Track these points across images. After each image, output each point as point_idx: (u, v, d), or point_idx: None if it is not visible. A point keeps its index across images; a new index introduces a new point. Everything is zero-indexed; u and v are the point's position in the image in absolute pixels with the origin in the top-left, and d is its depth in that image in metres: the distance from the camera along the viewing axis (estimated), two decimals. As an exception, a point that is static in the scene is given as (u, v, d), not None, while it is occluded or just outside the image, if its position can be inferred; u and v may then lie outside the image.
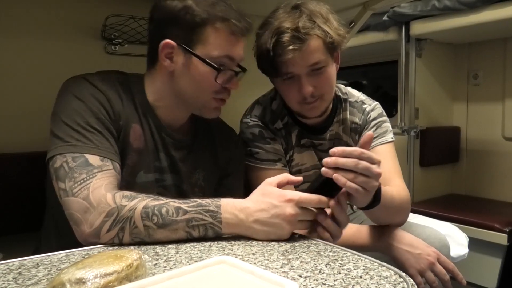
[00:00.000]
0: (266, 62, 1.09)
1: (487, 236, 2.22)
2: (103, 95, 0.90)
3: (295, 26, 1.04)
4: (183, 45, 0.92)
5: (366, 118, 1.28)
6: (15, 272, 0.66)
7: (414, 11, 2.51)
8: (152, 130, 0.99)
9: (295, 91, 1.10)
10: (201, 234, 0.79)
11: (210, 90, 0.96)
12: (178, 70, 0.95)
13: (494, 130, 2.81)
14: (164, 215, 0.78)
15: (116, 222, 0.77)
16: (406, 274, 0.63)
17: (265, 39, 1.07)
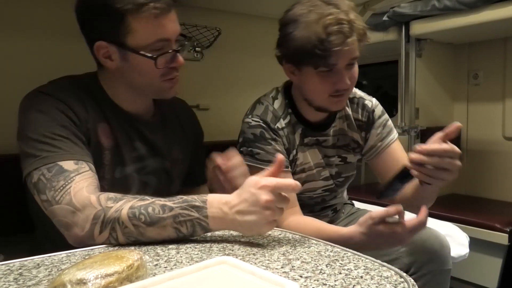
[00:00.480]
0: (309, 51, 1.06)
1: (487, 236, 2.22)
2: (63, 103, 0.90)
3: (349, 18, 1.04)
4: (113, 41, 0.91)
5: (371, 115, 1.30)
6: (16, 272, 0.66)
7: (414, 11, 2.51)
8: (121, 124, 0.99)
9: (330, 83, 1.11)
10: (189, 230, 0.78)
11: (156, 77, 0.95)
12: (120, 66, 0.94)
13: (494, 130, 2.81)
14: (150, 213, 0.77)
15: (106, 224, 0.77)
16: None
17: (315, 28, 1.04)
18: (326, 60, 1.06)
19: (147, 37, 0.90)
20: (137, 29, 0.89)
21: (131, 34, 0.89)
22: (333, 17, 1.03)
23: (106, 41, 0.91)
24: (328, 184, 1.32)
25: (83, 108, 0.93)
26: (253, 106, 1.25)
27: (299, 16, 1.09)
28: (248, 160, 1.17)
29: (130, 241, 0.78)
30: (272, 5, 1.95)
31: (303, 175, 1.25)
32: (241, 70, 2.04)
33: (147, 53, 0.91)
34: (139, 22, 0.88)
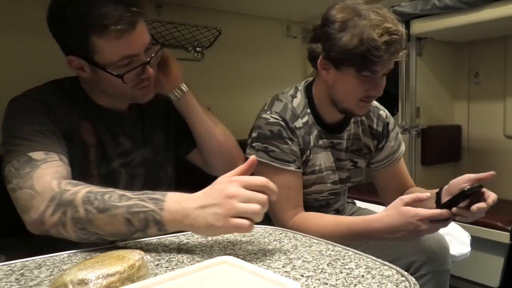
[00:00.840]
0: (358, 54, 1.06)
1: (489, 234, 2.22)
2: (42, 104, 0.92)
3: (399, 29, 1.07)
4: (82, 57, 0.92)
5: (386, 126, 1.34)
6: (18, 273, 0.66)
7: (415, 10, 2.50)
8: (103, 122, 1.02)
9: (365, 88, 1.12)
10: (141, 223, 0.72)
11: (128, 87, 0.96)
12: (93, 77, 0.96)
13: (495, 128, 2.81)
14: (106, 199, 0.74)
15: (59, 206, 0.75)
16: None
17: (371, 34, 1.05)
18: (373, 66, 1.08)
19: (113, 55, 0.90)
20: (102, 48, 0.89)
21: (97, 53, 0.90)
22: (387, 27, 1.05)
23: (76, 56, 0.92)
24: (336, 188, 1.32)
25: (65, 108, 0.96)
26: (271, 102, 1.24)
27: (349, 18, 1.09)
28: (261, 157, 1.16)
29: (77, 229, 0.75)
30: (273, 5, 1.96)
31: (313, 176, 1.25)
32: (241, 70, 2.05)
33: (113, 70, 0.92)
34: (103, 42, 0.88)
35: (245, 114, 1.98)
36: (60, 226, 0.76)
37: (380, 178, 1.38)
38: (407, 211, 0.99)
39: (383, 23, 1.06)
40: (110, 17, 0.86)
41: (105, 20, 0.86)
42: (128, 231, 0.73)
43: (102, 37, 0.88)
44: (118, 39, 0.88)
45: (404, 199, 1.00)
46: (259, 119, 1.21)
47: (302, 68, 2.31)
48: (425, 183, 2.79)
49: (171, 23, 1.67)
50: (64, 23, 0.89)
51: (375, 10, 1.09)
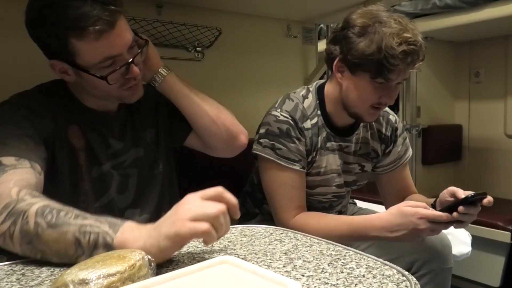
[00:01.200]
0: (375, 61, 1.07)
1: (490, 234, 2.22)
2: (25, 108, 0.90)
3: (418, 40, 1.07)
4: (64, 61, 0.89)
5: (394, 131, 1.34)
6: (19, 273, 0.66)
7: (415, 10, 2.51)
8: (92, 124, 0.99)
9: (378, 95, 1.13)
10: (90, 245, 0.67)
11: (114, 89, 0.93)
12: (78, 80, 0.93)
13: (496, 128, 2.81)
14: (60, 216, 0.69)
15: (10, 215, 0.70)
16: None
17: (390, 42, 1.04)
18: (388, 74, 1.08)
19: (93, 57, 0.88)
20: (82, 50, 0.87)
21: (77, 55, 0.87)
22: (406, 37, 1.05)
23: (58, 59, 0.89)
24: (340, 192, 1.32)
25: (51, 112, 0.93)
26: (282, 100, 1.24)
27: (370, 24, 1.08)
28: (267, 153, 1.17)
29: (23, 243, 0.69)
30: (273, 5, 1.95)
31: (318, 178, 1.26)
32: (242, 69, 2.05)
33: (96, 72, 0.89)
34: (82, 44, 0.86)
35: (245, 113, 1.98)
36: (7, 236, 0.70)
37: (384, 181, 1.38)
38: (407, 210, 1.01)
39: (403, 33, 1.05)
40: (87, 18, 0.83)
41: (82, 21, 0.83)
42: (74, 253, 0.68)
43: (80, 39, 0.85)
44: (98, 39, 0.85)
45: (409, 203, 1.03)
46: (268, 115, 1.21)
47: (303, 68, 2.31)
48: (426, 182, 2.80)
49: (171, 23, 1.66)
50: (42, 26, 0.87)
51: (396, 19, 1.08)
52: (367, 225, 1.07)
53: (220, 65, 1.96)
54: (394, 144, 1.34)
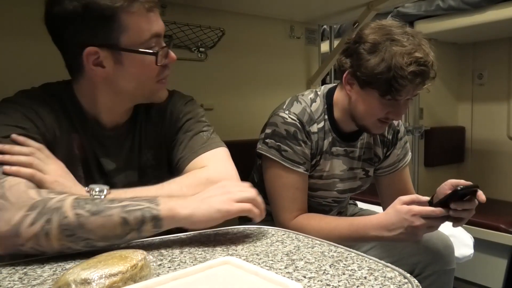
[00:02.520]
0: (384, 80, 1.06)
1: (492, 236, 2.21)
2: (30, 109, 0.85)
3: (432, 62, 1.07)
4: (106, 44, 0.84)
5: (396, 134, 1.34)
6: (21, 272, 0.66)
7: (419, 11, 2.50)
8: (89, 138, 0.93)
9: (384, 111, 1.13)
10: (137, 220, 0.72)
11: (153, 77, 0.90)
12: (112, 73, 0.87)
13: (499, 130, 2.80)
14: (97, 203, 0.72)
15: (42, 214, 0.69)
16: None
17: (400, 61, 1.04)
18: (396, 93, 1.08)
19: (142, 33, 0.85)
20: (131, 26, 0.83)
21: (125, 32, 0.83)
22: (417, 57, 1.04)
23: (97, 46, 0.83)
24: (341, 197, 1.33)
25: (54, 117, 0.88)
26: (290, 102, 1.23)
27: (381, 41, 1.08)
28: (272, 154, 1.17)
29: (63, 237, 0.70)
30: (276, 5, 1.96)
31: (319, 181, 1.26)
32: (244, 70, 2.05)
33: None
34: (132, 18, 0.83)
35: (248, 114, 1.99)
36: (41, 236, 0.69)
37: (382, 184, 1.38)
38: (401, 208, 1.01)
39: (414, 52, 1.05)
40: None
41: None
42: (123, 232, 0.72)
43: (132, 13, 0.82)
44: (148, 12, 0.84)
45: (402, 199, 1.03)
46: (276, 116, 1.21)
47: (305, 69, 2.31)
48: (428, 184, 2.80)
49: (174, 23, 1.67)
50: (81, 7, 0.80)
51: (409, 37, 1.07)
52: (367, 225, 1.08)
53: (223, 65, 1.96)
54: (394, 147, 1.34)
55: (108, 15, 0.81)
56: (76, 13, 0.80)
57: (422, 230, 1.01)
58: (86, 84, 0.91)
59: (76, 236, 0.70)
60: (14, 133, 0.80)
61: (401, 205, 1.02)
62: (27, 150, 0.79)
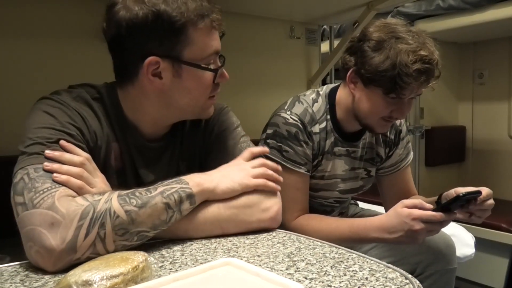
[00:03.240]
0: (388, 78, 1.07)
1: (493, 236, 2.21)
2: (77, 112, 0.83)
3: (434, 58, 1.07)
4: (168, 56, 0.83)
5: (398, 134, 1.34)
6: (23, 274, 0.66)
7: (419, 11, 2.50)
8: (129, 147, 0.91)
9: (388, 109, 1.13)
10: (177, 202, 0.77)
11: (207, 93, 0.90)
12: (168, 85, 0.86)
13: (500, 129, 2.80)
14: (139, 195, 0.74)
15: (95, 220, 0.68)
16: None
17: (404, 59, 1.04)
18: (400, 91, 1.07)
19: (205, 49, 0.86)
20: (196, 41, 0.84)
21: (189, 46, 0.84)
22: (422, 54, 1.04)
23: (159, 56, 0.82)
24: (343, 197, 1.32)
25: (98, 123, 0.87)
26: (292, 102, 1.23)
27: (386, 38, 1.08)
28: (273, 154, 1.17)
29: (117, 237, 0.70)
30: (276, 6, 1.96)
31: (321, 182, 1.26)
32: (245, 71, 2.05)
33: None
34: (199, 33, 0.84)
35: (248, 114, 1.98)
36: (98, 242, 0.68)
37: (384, 184, 1.38)
38: (402, 211, 1.00)
39: (419, 50, 1.05)
40: (206, 9, 0.84)
41: (201, 11, 0.83)
42: (167, 216, 0.76)
43: (199, 28, 0.83)
44: (214, 30, 0.87)
45: (405, 202, 1.02)
46: (277, 117, 1.20)
47: (306, 69, 2.31)
48: (429, 184, 2.80)
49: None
50: (151, 17, 0.79)
51: (414, 35, 1.08)
52: (367, 227, 1.07)
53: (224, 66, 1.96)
54: (396, 147, 1.34)
55: (177, 27, 0.81)
56: (145, 21, 0.80)
57: (422, 234, 1.00)
58: (135, 92, 0.88)
59: (129, 232, 0.72)
60: (60, 137, 0.78)
61: (402, 208, 1.01)
62: (78, 160, 0.77)
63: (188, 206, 0.79)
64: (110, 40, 0.86)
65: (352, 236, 1.09)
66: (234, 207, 0.85)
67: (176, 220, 0.78)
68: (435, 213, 0.98)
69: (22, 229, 0.68)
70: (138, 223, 0.72)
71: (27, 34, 1.42)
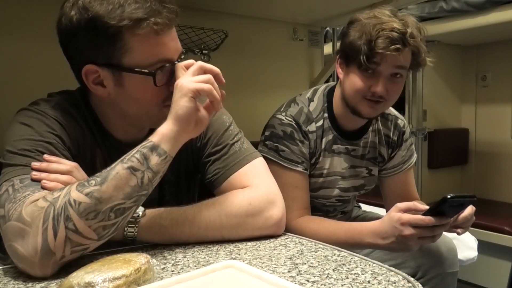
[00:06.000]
0: (356, 48, 1.10)
1: (496, 239, 2.20)
2: (55, 120, 0.80)
3: (405, 30, 1.08)
4: (107, 64, 0.77)
5: (401, 135, 1.34)
6: (25, 275, 0.67)
7: (422, 13, 2.50)
8: (110, 153, 0.88)
9: (367, 85, 1.13)
10: (141, 161, 0.71)
11: (156, 101, 0.82)
12: (113, 93, 0.81)
13: (503, 131, 2.79)
14: (98, 175, 0.70)
15: (57, 217, 0.65)
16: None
17: (369, 30, 1.08)
18: (369, 60, 1.09)
19: (147, 56, 0.78)
20: (135, 48, 0.76)
21: (128, 53, 0.77)
22: (388, 25, 1.07)
23: (97, 65, 0.78)
24: (344, 196, 1.32)
25: (80, 129, 0.85)
26: (287, 104, 1.25)
27: (362, 18, 1.13)
28: (271, 155, 1.18)
29: (92, 222, 0.67)
30: (279, 8, 1.96)
31: (320, 179, 1.26)
32: (248, 72, 2.05)
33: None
34: (137, 39, 0.76)
35: (251, 116, 1.99)
36: (72, 235, 0.66)
37: (386, 185, 1.38)
38: (393, 215, 0.99)
39: (390, 22, 1.08)
40: (148, 11, 0.75)
41: (141, 13, 0.74)
42: (137, 179, 0.71)
43: (137, 33, 0.75)
44: (157, 35, 0.77)
45: (398, 206, 1.00)
46: (273, 118, 1.23)
47: (308, 71, 2.31)
48: (432, 186, 2.79)
49: (177, 26, 1.67)
50: (86, 22, 0.74)
51: (393, 14, 1.11)
52: (362, 231, 1.06)
53: (226, 67, 1.95)
54: (399, 148, 1.33)
55: (112, 33, 0.75)
56: (79, 27, 0.75)
57: (412, 240, 0.96)
58: (95, 99, 0.87)
59: (101, 212, 0.68)
60: (40, 148, 0.76)
61: (394, 213, 0.99)
62: (65, 168, 0.76)
63: (157, 159, 0.73)
64: (60, 46, 0.82)
65: (348, 240, 1.08)
66: (236, 216, 0.82)
67: (150, 180, 0.72)
68: (424, 217, 0.94)
69: (5, 244, 0.68)
70: (106, 199, 0.68)
71: (27, 34, 1.43)
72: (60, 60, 0.84)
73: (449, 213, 0.97)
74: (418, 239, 0.97)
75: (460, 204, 0.96)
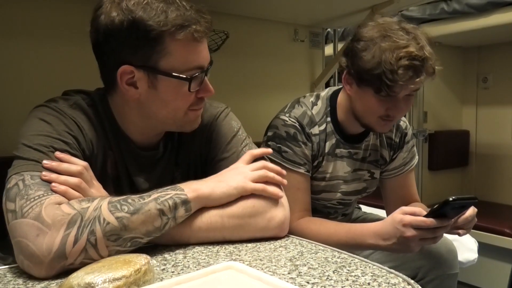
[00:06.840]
0: (376, 76, 1.06)
1: (496, 241, 2.20)
2: (73, 121, 0.82)
3: (424, 56, 1.04)
4: (143, 66, 0.80)
5: (403, 137, 1.33)
6: (25, 276, 0.67)
7: (423, 15, 2.50)
8: (124, 155, 0.90)
9: (383, 108, 1.12)
10: (171, 208, 0.75)
11: (185, 105, 0.86)
12: (144, 95, 0.83)
13: (503, 133, 2.79)
14: (131, 202, 0.72)
15: (83, 228, 0.67)
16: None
17: (388, 57, 1.03)
18: (389, 89, 1.07)
19: (184, 62, 0.81)
20: (173, 52, 0.80)
21: (166, 57, 0.80)
22: (408, 51, 1.03)
23: (133, 66, 0.80)
24: (346, 199, 1.32)
25: (94, 131, 0.85)
26: (291, 105, 1.25)
27: (374, 37, 1.07)
28: (274, 156, 1.18)
29: (110, 243, 0.69)
30: (280, 9, 1.96)
31: (322, 183, 1.26)
32: (249, 73, 2.05)
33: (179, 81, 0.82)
34: (177, 44, 0.79)
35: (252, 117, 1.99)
36: (89, 247, 0.67)
37: (387, 187, 1.38)
38: (396, 217, 0.99)
39: (406, 47, 1.03)
40: (189, 18, 0.79)
41: (183, 20, 0.78)
42: (162, 223, 0.74)
43: (177, 38, 0.78)
44: (196, 42, 0.81)
45: (404, 209, 1.00)
46: (276, 119, 1.22)
47: (309, 72, 2.31)
48: (432, 188, 2.79)
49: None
50: (128, 25, 0.77)
51: (406, 31, 1.06)
52: (364, 232, 1.06)
53: (227, 68, 1.97)
54: (401, 150, 1.33)
55: (153, 36, 0.77)
56: (121, 27, 0.77)
57: (414, 241, 0.97)
58: (119, 100, 0.87)
59: (122, 238, 0.70)
60: (55, 145, 0.77)
61: (397, 215, 0.99)
62: (75, 169, 0.76)
63: (183, 212, 0.77)
64: (92, 44, 0.84)
65: (349, 241, 1.08)
66: (238, 217, 0.82)
67: (171, 227, 0.76)
68: (426, 218, 0.95)
69: (13, 239, 0.68)
70: (130, 229, 0.71)
71: (27, 35, 1.43)
72: (65, 62, 0.85)
73: (451, 215, 0.97)
74: (419, 241, 0.97)
75: (462, 206, 0.97)
